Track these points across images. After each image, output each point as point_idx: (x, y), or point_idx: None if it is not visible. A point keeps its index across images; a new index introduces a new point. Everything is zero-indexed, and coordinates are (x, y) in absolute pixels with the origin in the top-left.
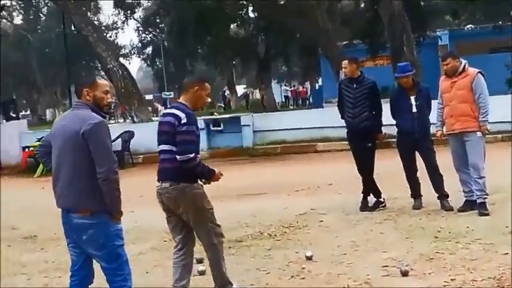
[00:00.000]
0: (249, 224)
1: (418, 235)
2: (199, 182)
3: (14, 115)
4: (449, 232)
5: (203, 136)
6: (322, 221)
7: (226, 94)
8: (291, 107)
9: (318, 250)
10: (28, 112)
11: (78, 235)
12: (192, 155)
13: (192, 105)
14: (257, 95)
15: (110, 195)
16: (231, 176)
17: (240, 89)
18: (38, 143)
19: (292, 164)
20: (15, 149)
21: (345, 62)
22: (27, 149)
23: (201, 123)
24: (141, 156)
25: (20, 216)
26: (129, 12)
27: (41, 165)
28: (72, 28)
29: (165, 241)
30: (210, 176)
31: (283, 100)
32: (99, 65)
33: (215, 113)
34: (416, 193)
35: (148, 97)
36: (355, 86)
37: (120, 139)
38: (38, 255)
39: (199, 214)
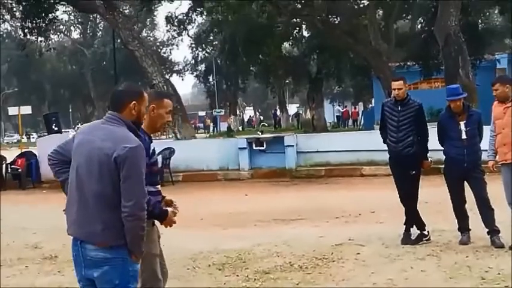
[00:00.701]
0: (280, 253)
1: (463, 275)
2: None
3: (55, 128)
4: (499, 273)
5: (245, 155)
6: (359, 253)
7: (277, 113)
8: (343, 128)
9: (351, 286)
10: (75, 126)
11: (89, 270)
12: None
13: (149, 127)
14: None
15: (132, 234)
16: (270, 198)
17: (293, 108)
18: None
19: (335, 188)
20: None
21: (399, 83)
22: None
23: (243, 142)
24: (181, 174)
25: (48, 233)
26: (181, 28)
27: None
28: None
29: (187, 269)
30: (161, 217)
31: (335, 120)
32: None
33: (258, 132)
34: (463, 227)
35: (201, 113)
36: (399, 108)
37: (160, 156)
38: (53, 279)
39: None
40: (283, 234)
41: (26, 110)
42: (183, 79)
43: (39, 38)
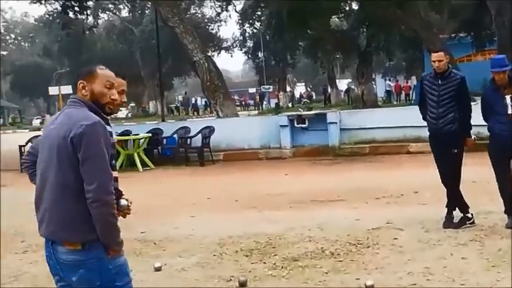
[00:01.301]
0: (313, 238)
1: (507, 264)
2: None
3: None
4: None
5: (287, 133)
6: (396, 238)
7: (327, 89)
8: (394, 103)
9: (383, 277)
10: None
11: (66, 274)
12: None
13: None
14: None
15: (101, 223)
16: (310, 178)
17: (345, 84)
18: (116, 137)
19: (379, 167)
20: None
21: (439, 54)
22: None
23: (284, 119)
24: (222, 153)
25: None
26: (225, 4)
27: (118, 159)
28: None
29: (214, 255)
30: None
31: (386, 95)
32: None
33: (300, 109)
34: (510, 209)
35: (252, 90)
36: (440, 82)
37: (200, 135)
38: None
39: None
40: (319, 216)
41: (67, 89)
42: (231, 56)
43: (83, 17)
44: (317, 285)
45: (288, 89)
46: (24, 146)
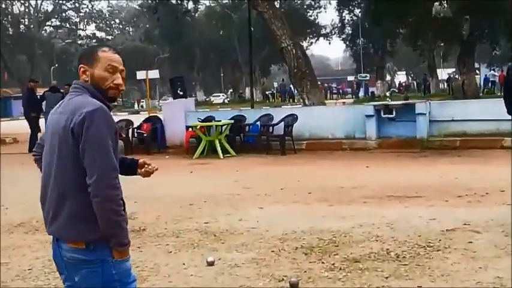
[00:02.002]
0: (380, 238)
1: None
2: None
3: (181, 93)
4: None
5: (372, 123)
6: (471, 242)
7: (426, 78)
8: (499, 94)
9: (447, 285)
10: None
11: (69, 274)
12: None
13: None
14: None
15: (102, 221)
16: (392, 171)
17: (447, 73)
18: (199, 123)
19: (467, 162)
20: (181, 128)
21: None
22: (190, 129)
23: (370, 109)
24: (305, 142)
25: (148, 204)
26: None
27: (200, 145)
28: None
29: (272, 251)
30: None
31: (490, 86)
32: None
33: (388, 99)
34: None
35: (350, 78)
36: None
37: (282, 123)
38: None
39: None
40: (391, 214)
41: (154, 74)
42: (330, 43)
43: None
44: None
45: (388, 77)
46: None
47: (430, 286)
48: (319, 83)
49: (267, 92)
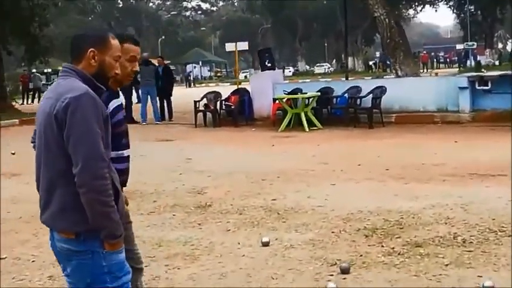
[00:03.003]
0: (451, 220)
1: None
2: None
3: (269, 64)
4: None
5: (466, 96)
6: None
7: None
8: None
9: (510, 276)
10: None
11: (63, 264)
12: None
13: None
14: None
15: (89, 212)
16: (481, 147)
17: None
18: (285, 95)
19: None
20: (268, 100)
21: None
22: (276, 101)
23: (464, 81)
24: (394, 115)
25: (221, 178)
26: None
27: (286, 118)
28: None
29: (332, 232)
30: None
31: None
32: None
33: (483, 70)
34: None
35: (459, 47)
36: None
37: (371, 95)
38: (185, 233)
39: None
40: (469, 194)
41: (243, 46)
42: (436, 10)
43: None
44: (428, 280)
45: (500, 45)
46: (199, 101)
47: (491, 276)
48: (424, 51)
49: (370, 62)
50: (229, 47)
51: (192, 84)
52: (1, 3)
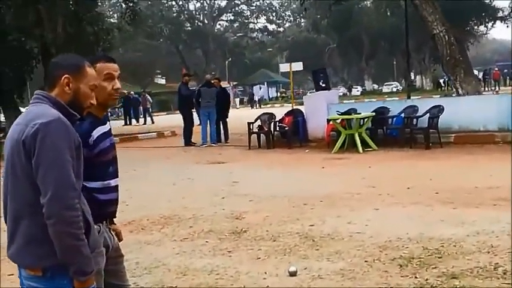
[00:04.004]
0: (494, 250)
1: None
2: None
3: (323, 85)
4: None
5: None
6: None
7: None
8: None
9: None
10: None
11: None
12: None
13: (95, 106)
14: None
15: (57, 245)
16: None
17: None
18: (338, 116)
19: None
20: (323, 121)
21: None
22: (331, 122)
23: None
24: (453, 135)
25: (264, 203)
26: None
27: (339, 139)
28: None
29: (365, 261)
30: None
31: None
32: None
33: None
34: None
35: None
36: None
37: (427, 115)
38: (213, 262)
39: None
40: None
41: (298, 66)
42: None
43: None
44: None
45: None
46: (252, 123)
47: None
48: (496, 68)
49: (439, 80)
50: (284, 67)
51: (257, 105)
52: (66, 27)
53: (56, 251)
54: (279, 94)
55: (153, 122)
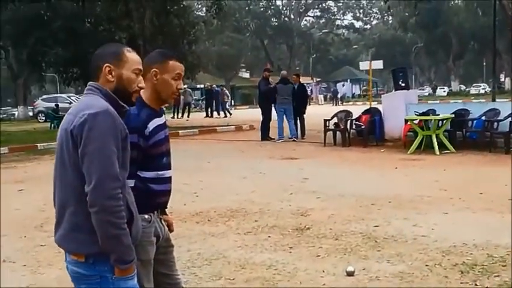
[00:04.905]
0: None
1: None
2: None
3: (402, 84)
4: None
5: None
6: None
7: None
8: None
9: None
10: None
11: (75, 287)
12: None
13: (151, 99)
14: None
15: (100, 233)
16: None
17: None
18: (416, 116)
19: None
20: (401, 121)
21: None
22: (408, 122)
23: None
24: None
25: (329, 200)
26: None
27: (416, 140)
28: None
29: (426, 265)
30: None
31: None
32: None
33: None
34: None
35: None
36: None
37: (509, 119)
38: (270, 257)
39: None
40: None
41: (378, 64)
42: None
43: None
44: None
45: None
46: (329, 120)
47: None
48: None
49: None
50: (364, 65)
51: (340, 102)
52: (153, 19)
53: (98, 238)
54: (361, 92)
55: (230, 115)
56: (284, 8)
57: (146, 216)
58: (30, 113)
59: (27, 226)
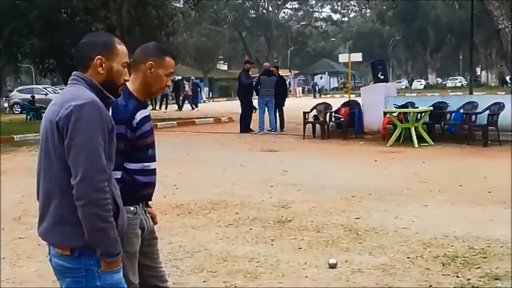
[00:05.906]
0: None
1: None
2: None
3: (381, 77)
4: None
5: None
6: None
7: None
8: None
9: None
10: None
11: (59, 281)
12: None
13: (139, 90)
14: None
15: (86, 226)
16: None
17: None
18: (395, 109)
19: None
20: (380, 114)
21: None
22: (387, 115)
23: None
24: None
25: (311, 192)
26: None
27: (395, 133)
28: None
29: (408, 257)
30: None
31: None
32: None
33: None
34: None
35: None
36: None
37: (487, 112)
38: (253, 249)
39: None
40: None
41: (357, 57)
42: None
43: None
44: None
45: None
46: (308, 112)
47: None
48: None
49: (506, 77)
50: (343, 58)
51: (318, 94)
52: (131, 10)
53: (84, 231)
54: (339, 85)
55: (196, 108)
56: (262, 0)
57: (132, 208)
58: (6, 105)
59: (5, 219)
